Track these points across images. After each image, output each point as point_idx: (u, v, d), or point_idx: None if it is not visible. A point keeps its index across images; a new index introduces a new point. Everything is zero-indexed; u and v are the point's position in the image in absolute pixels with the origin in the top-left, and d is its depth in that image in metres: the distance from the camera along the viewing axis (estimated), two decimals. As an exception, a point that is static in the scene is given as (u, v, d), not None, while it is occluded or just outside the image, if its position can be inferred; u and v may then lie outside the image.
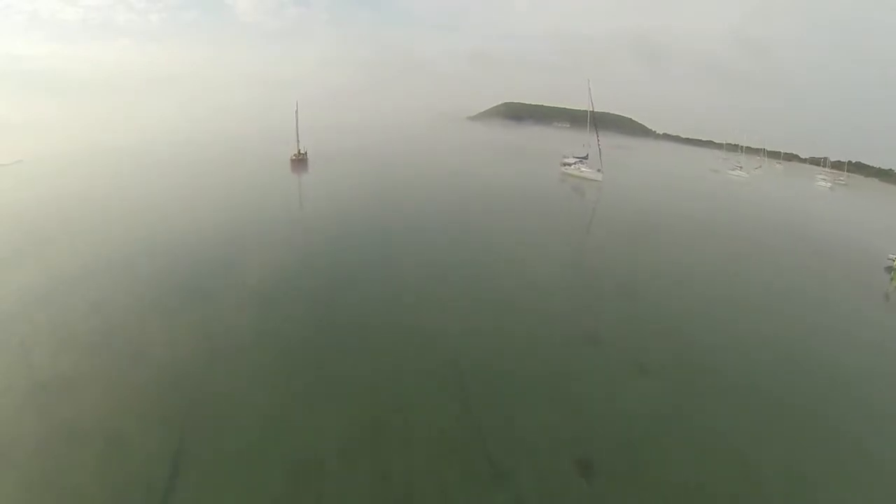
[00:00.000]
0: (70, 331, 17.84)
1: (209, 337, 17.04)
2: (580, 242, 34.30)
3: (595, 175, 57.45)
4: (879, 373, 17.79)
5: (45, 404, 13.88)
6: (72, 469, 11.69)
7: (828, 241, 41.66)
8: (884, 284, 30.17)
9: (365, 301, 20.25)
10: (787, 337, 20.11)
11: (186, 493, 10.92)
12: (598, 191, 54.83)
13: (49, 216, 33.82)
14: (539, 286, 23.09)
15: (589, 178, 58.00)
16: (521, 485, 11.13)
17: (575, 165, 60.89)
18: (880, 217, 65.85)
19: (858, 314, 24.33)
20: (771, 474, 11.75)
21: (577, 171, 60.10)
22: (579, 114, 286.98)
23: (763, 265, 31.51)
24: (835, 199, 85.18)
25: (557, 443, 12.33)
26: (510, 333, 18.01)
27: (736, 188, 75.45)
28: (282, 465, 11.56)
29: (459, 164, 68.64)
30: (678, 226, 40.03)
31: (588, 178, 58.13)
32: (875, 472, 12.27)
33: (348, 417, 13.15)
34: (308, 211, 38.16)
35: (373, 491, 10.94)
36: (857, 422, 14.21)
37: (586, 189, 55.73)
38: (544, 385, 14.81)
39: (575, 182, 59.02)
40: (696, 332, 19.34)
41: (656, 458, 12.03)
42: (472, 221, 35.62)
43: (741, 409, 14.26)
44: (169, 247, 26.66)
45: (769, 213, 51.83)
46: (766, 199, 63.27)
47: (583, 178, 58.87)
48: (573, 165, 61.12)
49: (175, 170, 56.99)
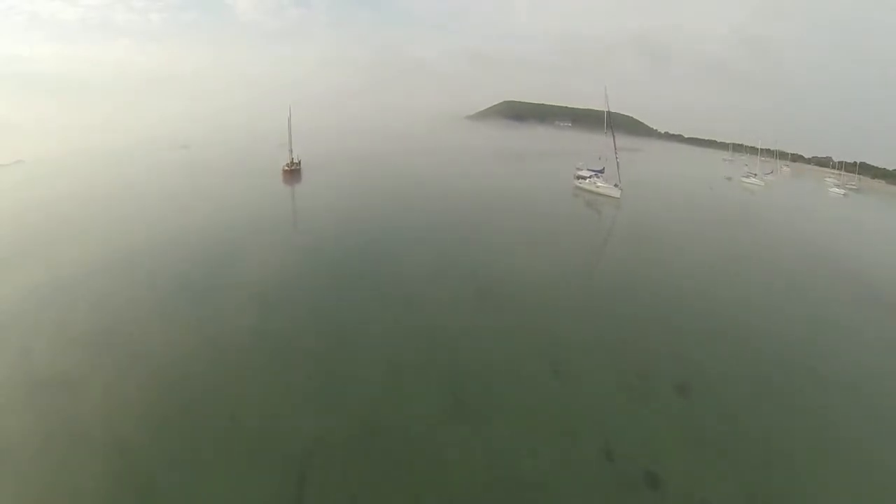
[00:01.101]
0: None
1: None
2: (601, 283, 29.62)
3: (612, 191, 53.21)
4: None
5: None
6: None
7: (866, 267, 37.75)
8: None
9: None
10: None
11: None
12: (616, 209, 50.64)
13: (46, 217, 34.80)
14: (562, 345, 19.45)
15: (605, 194, 53.77)
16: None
17: (590, 180, 56.59)
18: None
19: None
20: None
21: (592, 186, 55.79)
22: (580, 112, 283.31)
23: (814, 304, 27.67)
24: (854, 208, 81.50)
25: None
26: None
27: (756, 203, 71.54)
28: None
29: (459, 177, 64.38)
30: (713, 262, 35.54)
31: (604, 194, 53.89)
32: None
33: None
34: (299, 241, 33.81)
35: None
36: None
37: (602, 207, 51.50)
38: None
39: (589, 198, 54.78)
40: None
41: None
42: (472, 254, 31.09)
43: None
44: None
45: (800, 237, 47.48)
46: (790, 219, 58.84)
47: (598, 195, 54.64)
48: (588, 179, 56.81)
49: (170, 176, 56.65)
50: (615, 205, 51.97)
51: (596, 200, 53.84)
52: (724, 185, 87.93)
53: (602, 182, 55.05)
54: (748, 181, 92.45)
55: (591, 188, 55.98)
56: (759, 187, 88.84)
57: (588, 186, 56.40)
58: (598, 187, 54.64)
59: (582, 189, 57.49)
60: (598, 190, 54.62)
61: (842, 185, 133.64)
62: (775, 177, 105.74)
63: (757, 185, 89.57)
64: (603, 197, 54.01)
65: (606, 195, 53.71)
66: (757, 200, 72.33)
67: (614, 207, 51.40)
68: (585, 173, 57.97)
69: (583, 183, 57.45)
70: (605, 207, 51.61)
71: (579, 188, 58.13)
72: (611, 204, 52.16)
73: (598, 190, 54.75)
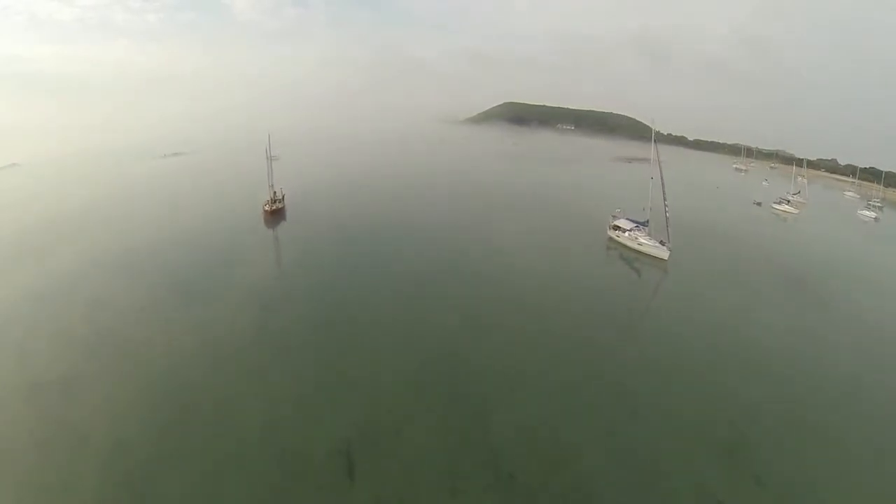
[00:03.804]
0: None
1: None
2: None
3: (658, 251, 44.88)
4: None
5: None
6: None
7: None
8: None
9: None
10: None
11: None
12: (663, 275, 42.48)
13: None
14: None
15: (649, 254, 45.48)
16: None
17: (630, 233, 48.16)
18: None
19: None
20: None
21: (632, 242, 47.33)
22: (582, 114, 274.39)
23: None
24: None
25: None
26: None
27: (799, 241, 63.91)
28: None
29: (456, 220, 56.14)
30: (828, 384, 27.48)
31: (648, 254, 45.61)
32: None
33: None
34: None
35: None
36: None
37: (645, 274, 43.17)
38: None
39: (628, 256, 46.49)
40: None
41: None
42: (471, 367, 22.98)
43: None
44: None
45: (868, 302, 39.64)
46: (853, 275, 50.97)
47: (639, 253, 46.37)
48: (628, 233, 48.35)
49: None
50: (661, 269, 43.78)
51: (636, 261, 45.55)
52: (758, 215, 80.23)
53: (645, 238, 46.67)
54: (780, 208, 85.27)
55: (630, 244, 47.58)
56: (792, 216, 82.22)
57: (627, 242, 47.99)
58: (641, 245, 46.26)
59: (618, 243, 49.14)
60: (640, 248, 46.23)
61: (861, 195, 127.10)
62: (802, 197, 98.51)
63: (791, 215, 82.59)
64: (645, 257, 45.75)
65: (650, 255, 45.46)
66: (799, 239, 64.47)
67: (661, 273, 43.21)
68: (624, 224, 49.52)
69: (620, 236, 49.02)
70: (649, 273, 43.36)
71: (615, 241, 49.81)
72: (656, 268, 43.95)
73: (639, 248, 46.37)
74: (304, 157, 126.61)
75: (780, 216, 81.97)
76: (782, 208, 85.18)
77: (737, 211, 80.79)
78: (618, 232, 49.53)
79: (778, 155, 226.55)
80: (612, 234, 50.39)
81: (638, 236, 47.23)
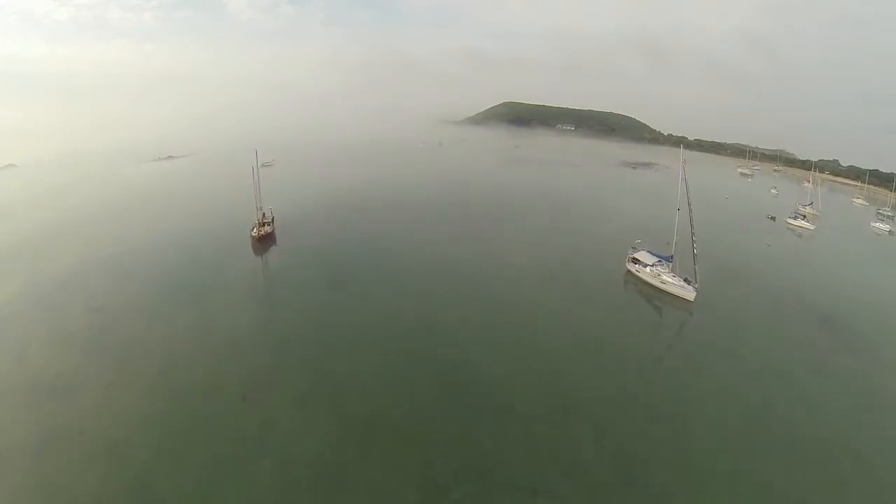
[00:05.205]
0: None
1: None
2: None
3: (684, 291, 41.18)
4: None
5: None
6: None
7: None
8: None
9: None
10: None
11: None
12: (687, 317, 38.81)
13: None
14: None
15: (673, 293, 41.84)
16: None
17: (652, 268, 44.38)
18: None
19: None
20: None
21: (654, 279, 43.57)
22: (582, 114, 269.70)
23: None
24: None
25: None
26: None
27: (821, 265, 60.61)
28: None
29: (458, 255, 51.91)
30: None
31: (671, 293, 41.95)
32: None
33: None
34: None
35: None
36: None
37: (668, 317, 39.43)
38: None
39: (649, 295, 42.77)
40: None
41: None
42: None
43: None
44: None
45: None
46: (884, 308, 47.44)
47: (662, 292, 42.68)
48: (649, 268, 44.59)
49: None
50: (687, 310, 40.15)
51: (658, 300, 41.83)
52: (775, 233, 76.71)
53: (669, 276, 42.93)
54: (795, 223, 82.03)
55: (651, 280, 43.87)
56: (808, 231, 79.07)
57: (648, 278, 44.25)
58: (665, 283, 42.55)
59: (638, 278, 45.43)
60: (664, 286, 42.54)
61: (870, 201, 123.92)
62: (814, 208, 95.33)
63: (807, 230, 79.42)
64: (668, 296, 42.07)
65: (674, 294, 41.80)
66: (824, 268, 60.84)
67: (686, 315, 39.59)
68: (646, 258, 45.69)
69: (641, 271, 45.28)
70: (673, 316, 39.63)
71: (633, 275, 46.10)
72: (681, 308, 40.31)
73: (662, 286, 42.67)
74: (299, 162, 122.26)
75: (796, 232, 78.86)
76: (798, 224, 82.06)
77: (753, 228, 77.50)
78: (637, 266, 45.79)
79: (780, 156, 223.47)
80: (630, 268, 46.65)
81: (661, 272, 43.51)
